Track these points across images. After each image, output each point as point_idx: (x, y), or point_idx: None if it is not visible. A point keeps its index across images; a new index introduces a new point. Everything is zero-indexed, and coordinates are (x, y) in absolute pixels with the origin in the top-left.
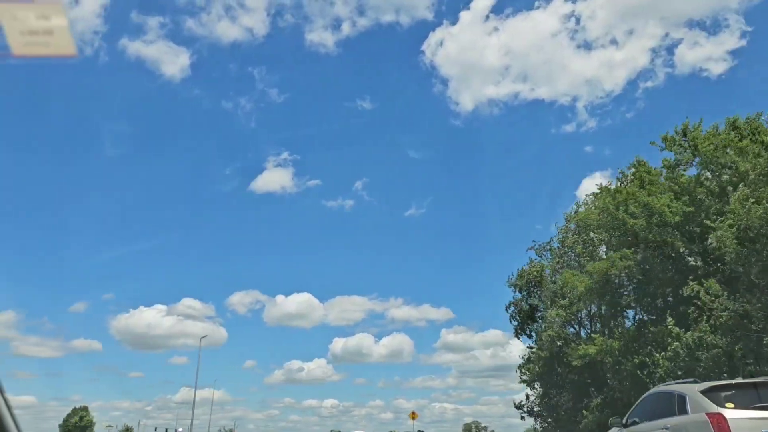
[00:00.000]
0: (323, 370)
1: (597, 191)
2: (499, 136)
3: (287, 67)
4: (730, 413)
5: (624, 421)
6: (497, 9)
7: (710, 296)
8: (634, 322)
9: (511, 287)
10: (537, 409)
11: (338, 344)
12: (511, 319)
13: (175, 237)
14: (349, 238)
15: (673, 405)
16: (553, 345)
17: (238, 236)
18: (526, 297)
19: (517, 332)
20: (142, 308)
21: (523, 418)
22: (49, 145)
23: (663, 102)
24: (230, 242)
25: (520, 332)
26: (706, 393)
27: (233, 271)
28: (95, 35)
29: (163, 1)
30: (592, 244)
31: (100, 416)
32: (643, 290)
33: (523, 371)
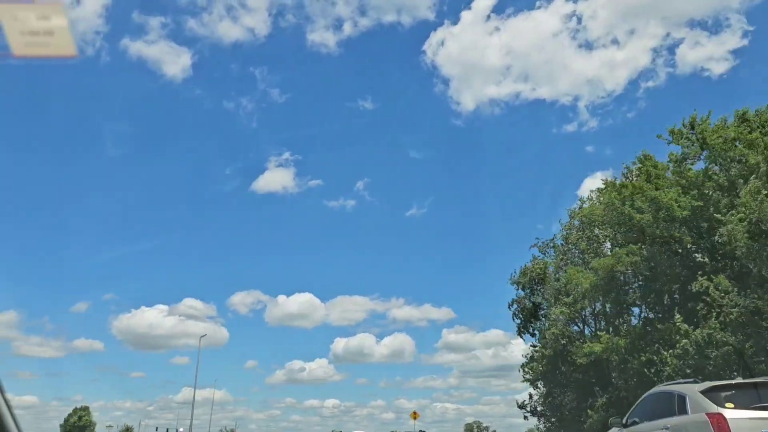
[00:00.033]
0: (325, 370)
1: (602, 186)
2: (500, 136)
3: (289, 67)
4: (730, 413)
5: (624, 421)
6: (498, 9)
7: (719, 292)
8: (639, 320)
9: (514, 285)
10: (540, 408)
11: (340, 344)
12: (513, 317)
13: (177, 237)
14: (350, 238)
15: (673, 405)
16: (557, 343)
17: (240, 236)
18: (529, 295)
19: (519, 331)
20: (143, 308)
21: (526, 417)
22: (50, 146)
23: (664, 102)
24: (232, 242)
25: (523, 331)
26: (706, 393)
27: (235, 271)
28: (97, 35)
29: (165, 1)
30: (597, 240)
31: (101, 416)
32: (649, 287)
33: (526, 370)
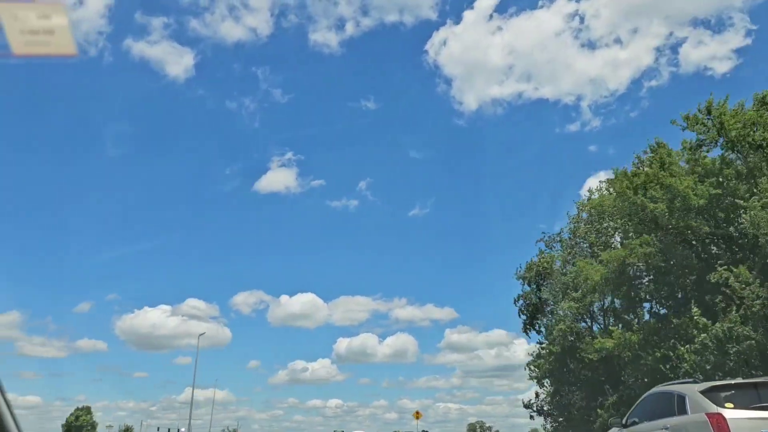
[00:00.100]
0: (327, 370)
1: (611, 177)
2: (502, 136)
3: (291, 67)
4: (730, 413)
5: (624, 422)
6: (501, 8)
7: (740, 283)
8: (651, 315)
9: (520, 280)
10: (547, 408)
11: (342, 344)
12: (519, 313)
13: (180, 237)
14: (353, 238)
15: (673, 405)
16: (564, 340)
17: (243, 236)
18: (535, 290)
19: (525, 327)
20: (146, 308)
21: (532, 417)
22: (52, 146)
23: (667, 101)
24: (234, 242)
25: (529, 327)
26: (706, 393)
27: (237, 272)
28: (99, 36)
29: (167, 1)
30: (606, 233)
31: (105, 416)
32: (662, 280)
33: (532, 368)
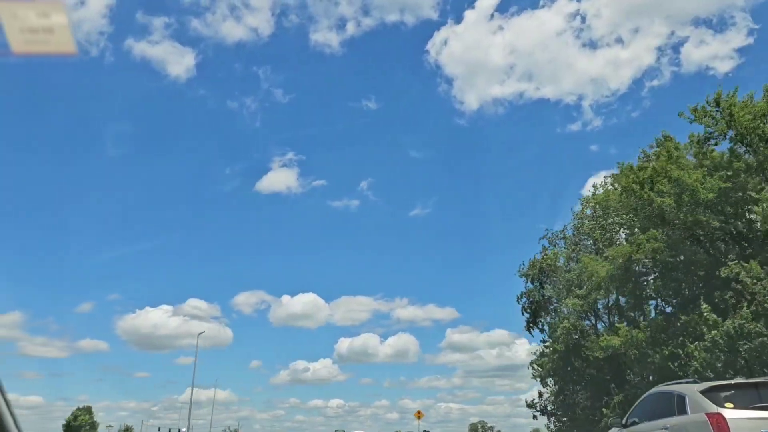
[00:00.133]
0: (329, 370)
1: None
2: (504, 136)
3: (292, 67)
4: (730, 413)
5: (624, 422)
6: (502, 8)
7: (752, 279)
8: (657, 312)
9: (523, 277)
10: (551, 407)
11: (344, 344)
12: (523, 311)
13: (182, 237)
14: (354, 239)
15: (673, 405)
16: (569, 338)
17: (244, 236)
18: (538, 288)
19: (528, 325)
20: (148, 309)
21: (535, 417)
22: (54, 146)
23: (669, 101)
24: (236, 242)
25: (532, 326)
26: (706, 393)
27: (239, 272)
28: (101, 36)
29: (169, 1)
30: (612, 229)
31: (107, 416)
32: (670, 276)
33: (535, 367)
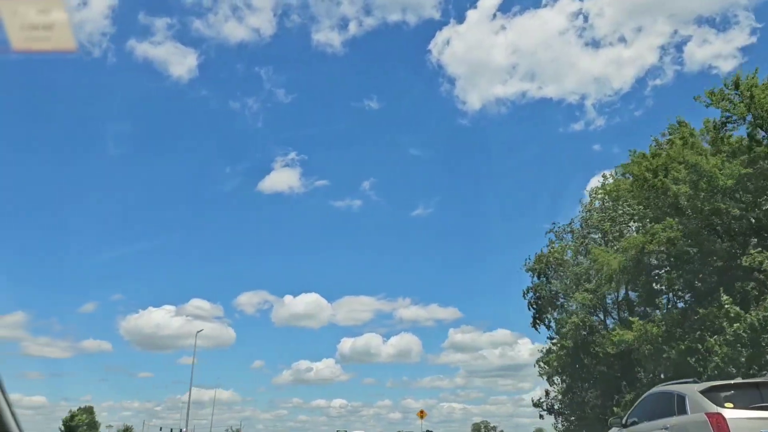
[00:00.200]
0: (331, 370)
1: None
2: (506, 136)
3: (294, 68)
4: (730, 413)
5: (624, 421)
6: (504, 7)
7: None
8: (670, 305)
9: (529, 272)
10: (558, 406)
11: (346, 344)
12: (529, 306)
13: (184, 237)
14: (356, 238)
15: (673, 405)
16: (577, 334)
17: (247, 237)
18: (545, 283)
19: (534, 322)
20: (151, 309)
21: (541, 416)
22: (56, 146)
23: (672, 100)
24: (239, 243)
25: (538, 322)
26: (706, 393)
27: (241, 272)
28: (103, 37)
29: (171, 2)
30: (622, 221)
31: (110, 416)
32: (685, 267)
33: (541, 365)
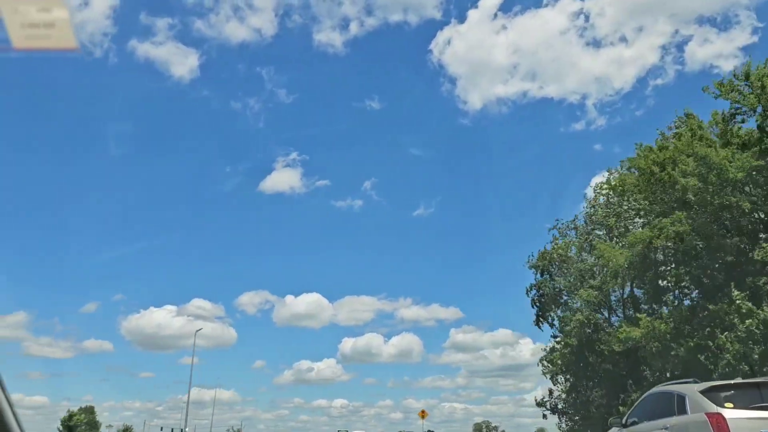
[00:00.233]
0: (333, 370)
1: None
2: (507, 135)
3: (295, 68)
4: (730, 413)
5: (624, 421)
6: (505, 7)
7: None
8: (677, 301)
9: (532, 269)
10: (562, 405)
11: (347, 344)
12: (532, 303)
13: (186, 238)
14: (357, 238)
15: (673, 405)
16: (581, 332)
17: (248, 237)
18: (548, 280)
19: (538, 319)
20: (152, 309)
21: (545, 416)
22: (58, 146)
23: (673, 99)
24: (240, 243)
25: (542, 320)
26: (706, 393)
27: (242, 272)
28: (104, 37)
29: (172, 2)
30: (627, 216)
31: (111, 416)
32: (693, 263)
33: (545, 364)
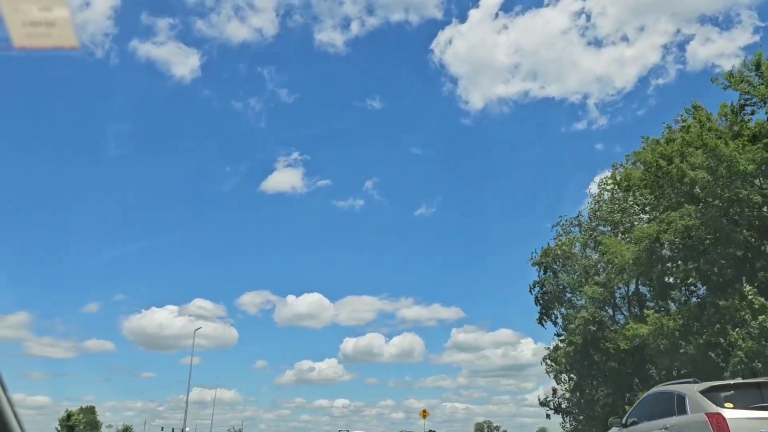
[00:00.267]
0: (334, 370)
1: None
2: (508, 135)
3: (296, 67)
4: (729, 413)
5: (624, 421)
6: (506, 7)
7: None
8: (687, 298)
9: (535, 266)
10: (566, 405)
11: (349, 344)
12: (535, 301)
13: (187, 238)
14: (359, 238)
15: (673, 405)
16: (586, 330)
17: (249, 237)
18: (552, 277)
19: (541, 317)
20: (153, 309)
21: (548, 416)
22: (61, 146)
23: (675, 99)
24: (241, 243)
25: (545, 318)
26: (706, 393)
27: (244, 272)
28: (105, 37)
29: (173, 2)
30: (633, 212)
31: (113, 416)
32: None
33: (548, 362)
